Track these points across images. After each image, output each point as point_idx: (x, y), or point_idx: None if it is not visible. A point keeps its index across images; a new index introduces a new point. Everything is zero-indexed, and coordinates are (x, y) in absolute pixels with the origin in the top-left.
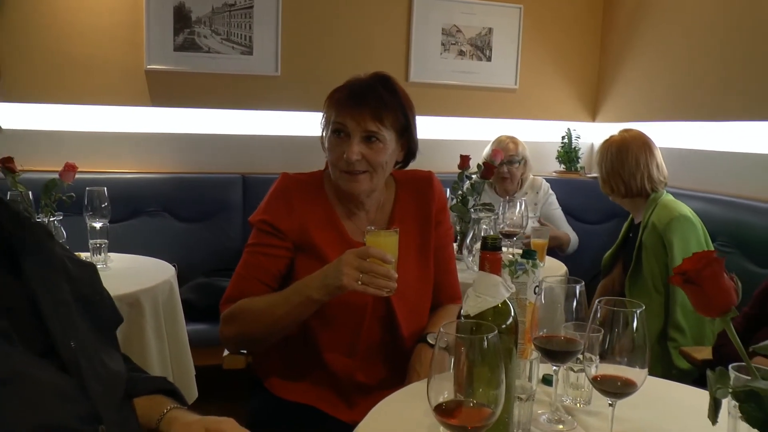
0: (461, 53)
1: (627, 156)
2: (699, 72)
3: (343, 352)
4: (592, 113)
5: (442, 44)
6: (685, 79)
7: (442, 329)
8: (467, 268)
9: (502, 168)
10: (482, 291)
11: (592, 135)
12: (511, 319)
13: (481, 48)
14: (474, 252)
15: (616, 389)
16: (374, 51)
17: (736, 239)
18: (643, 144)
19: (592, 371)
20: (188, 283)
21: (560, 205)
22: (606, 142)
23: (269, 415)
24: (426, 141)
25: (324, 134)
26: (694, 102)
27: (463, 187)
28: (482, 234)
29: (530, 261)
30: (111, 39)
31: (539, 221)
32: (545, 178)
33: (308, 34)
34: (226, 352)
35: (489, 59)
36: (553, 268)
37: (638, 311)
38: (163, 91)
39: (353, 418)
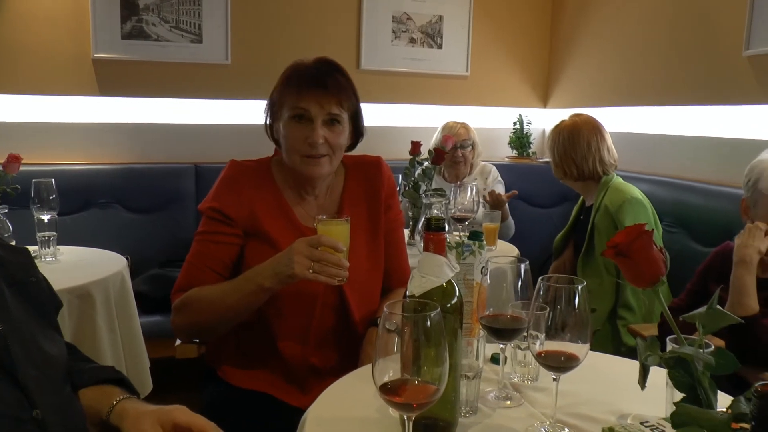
0: (412, 41)
1: (578, 140)
2: (646, 58)
3: (296, 338)
4: (544, 99)
5: (393, 32)
6: (633, 65)
7: (386, 309)
8: (419, 253)
9: (455, 152)
10: (427, 271)
11: (544, 121)
12: (456, 299)
13: (432, 35)
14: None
15: (559, 364)
16: (325, 39)
17: (681, 220)
18: (594, 128)
19: (537, 347)
20: (141, 275)
21: (512, 189)
22: (557, 126)
23: (223, 404)
24: (378, 128)
25: (269, 121)
26: (641, 87)
27: (414, 173)
28: None
29: (477, 242)
30: (55, 27)
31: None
32: (497, 164)
33: (258, 21)
34: (178, 342)
35: (440, 46)
36: (505, 251)
37: (579, 287)
38: (112, 80)
39: (307, 404)
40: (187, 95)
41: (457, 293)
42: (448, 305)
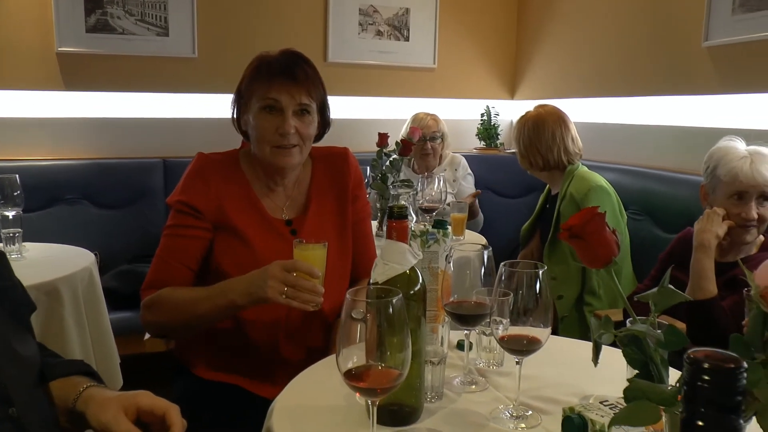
0: (379, 33)
1: (543, 130)
2: (610, 50)
3: (266, 330)
4: (511, 91)
5: (360, 24)
6: (598, 57)
7: (348, 296)
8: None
9: (425, 145)
10: (390, 259)
11: (511, 112)
12: (419, 286)
13: (399, 28)
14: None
15: (522, 347)
16: (292, 32)
17: (646, 207)
18: (558, 118)
19: (500, 332)
20: (111, 271)
21: (481, 180)
22: (522, 118)
23: (193, 398)
24: (345, 120)
25: (236, 113)
26: (606, 78)
27: (382, 164)
28: None
29: (441, 231)
30: (18, 20)
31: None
32: (466, 155)
33: (225, 15)
34: (147, 336)
35: (407, 39)
36: (472, 241)
37: (540, 272)
38: (77, 74)
39: (277, 395)
40: (154, 89)
41: (421, 280)
42: (412, 292)
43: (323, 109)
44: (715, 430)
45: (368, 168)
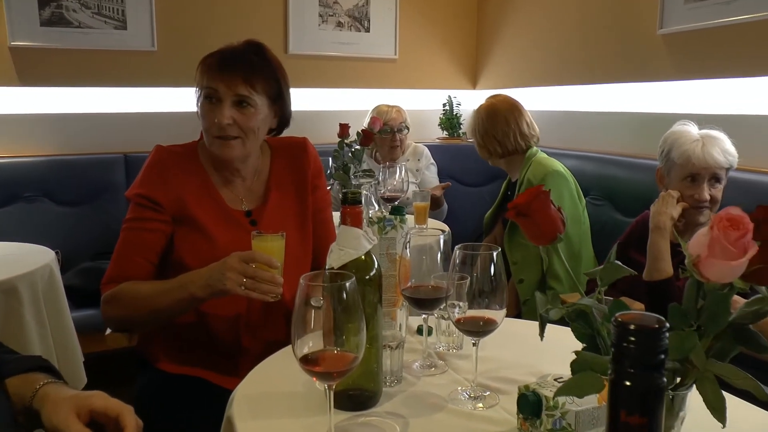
0: (339, 24)
1: (497, 118)
2: (568, 39)
3: (228, 322)
4: (473, 81)
5: (320, 16)
6: (557, 46)
7: (302, 281)
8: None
9: (393, 137)
10: (345, 244)
11: (473, 102)
12: (374, 271)
13: (359, 19)
14: (365, 221)
15: (478, 329)
16: (252, 23)
17: (606, 192)
18: (511, 105)
19: (456, 314)
20: (73, 269)
21: (444, 170)
22: (476, 109)
23: (156, 391)
24: (307, 113)
25: (198, 102)
26: (565, 67)
27: (343, 155)
28: (364, 201)
29: (398, 217)
30: None
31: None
32: (428, 145)
33: (184, 7)
34: (108, 331)
35: (368, 30)
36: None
37: (494, 254)
38: (32, 69)
39: None
40: (113, 84)
41: (376, 265)
42: (367, 277)
43: (278, 101)
44: (641, 388)
45: (330, 159)
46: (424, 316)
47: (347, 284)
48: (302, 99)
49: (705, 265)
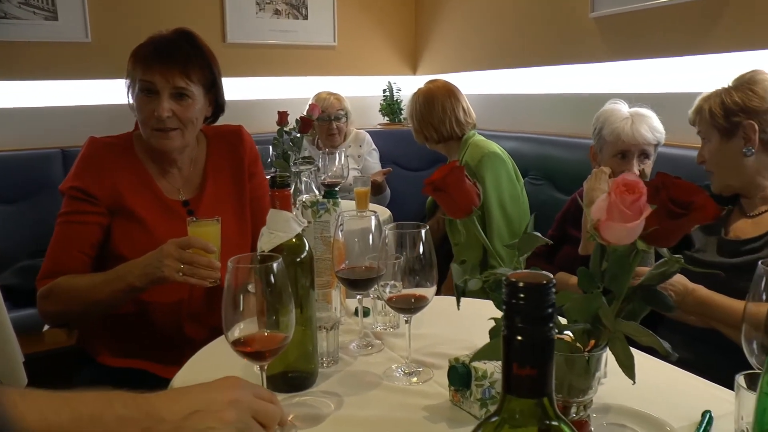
0: (277, 12)
1: (434, 104)
2: (505, 24)
3: (169, 311)
4: (413, 66)
5: (257, 3)
6: (494, 31)
7: (230, 264)
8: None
9: (330, 124)
10: (275, 227)
11: (413, 87)
12: (305, 253)
13: (297, 6)
14: (298, 206)
15: (410, 305)
16: (189, 13)
17: (544, 172)
18: (448, 91)
19: (387, 293)
20: (10, 268)
21: (386, 155)
22: (414, 94)
23: (97, 386)
24: (247, 102)
25: (131, 94)
26: (502, 51)
27: (283, 143)
28: (304, 187)
29: (331, 200)
30: None
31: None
32: (370, 131)
33: None
34: (46, 327)
35: (305, 17)
36: (378, 213)
37: (422, 231)
38: None
39: None
40: (46, 77)
41: (307, 248)
42: (298, 259)
43: (213, 90)
44: (532, 341)
45: (270, 147)
46: (358, 296)
47: (274, 265)
48: (242, 88)
49: (604, 228)
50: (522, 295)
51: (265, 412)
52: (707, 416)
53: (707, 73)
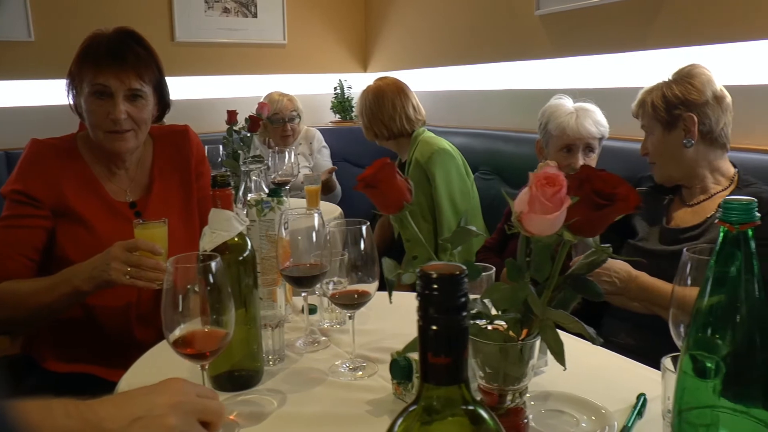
0: (226, 10)
1: (383, 101)
2: (454, 21)
3: (118, 314)
4: (363, 64)
5: (206, 2)
6: (443, 28)
7: (168, 265)
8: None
9: (285, 126)
10: (216, 226)
11: (365, 85)
12: (248, 252)
13: (246, 5)
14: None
15: (352, 301)
16: (135, 11)
17: (495, 167)
18: (398, 88)
19: (330, 290)
20: None
21: (338, 152)
22: (363, 91)
23: (44, 393)
24: (197, 101)
25: (72, 96)
26: (451, 48)
27: (233, 142)
28: (254, 186)
29: (276, 198)
30: None
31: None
32: (321, 129)
33: None
34: None
35: (255, 15)
36: (328, 211)
37: (363, 228)
38: None
39: None
40: None
41: (249, 246)
42: (241, 258)
43: (159, 89)
44: (446, 330)
45: (221, 146)
46: (304, 294)
47: (212, 265)
48: (192, 87)
49: (527, 220)
50: (435, 286)
51: (209, 410)
52: (642, 399)
53: (648, 68)
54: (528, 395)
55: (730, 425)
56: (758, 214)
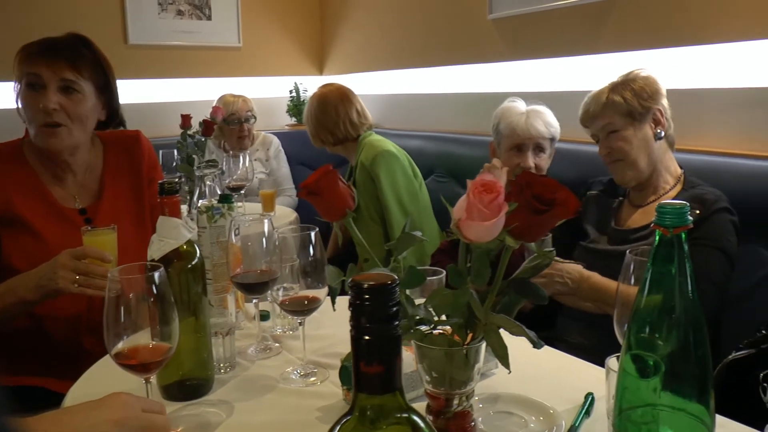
0: (180, 13)
1: (327, 108)
2: (408, 25)
3: (68, 324)
4: (319, 66)
5: (159, 4)
6: (399, 31)
7: (110, 275)
8: (197, 228)
9: (241, 127)
10: (164, 234)
11: None
12: (196, 259)
13: (200, 7)
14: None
15: (303, 308)
16: (87, 13)
17: (449, 169)
18: (341, 94)
19: (280, 297)
20: None
21: (294, 156)
22: (309, 99)
23: None
24: (151, 105)
25: (18, 96)
26: (407, 51)
27: (187, 146)
28: (208, 191)
29: (226, 205)
30: None
31: None
32: (277, 133)
33: None
34: None
35: (209, 18)
36: (284, 216)
37: (312, 234)
38: None
39: None
40: None
41: (198, 253)
42: (190, 266)
43: (106, 92)
44: (378, 339)
45: (175, 151)
46: (255, 300)
47: (155, 275)
48: (146, 91)
49: (465, 227)
50: (367, 296)
51: (155, 426)
52: (590, 398)
53: (599, 71)
54: (477, 398)
55: (669, 422)
56: (690, 218)
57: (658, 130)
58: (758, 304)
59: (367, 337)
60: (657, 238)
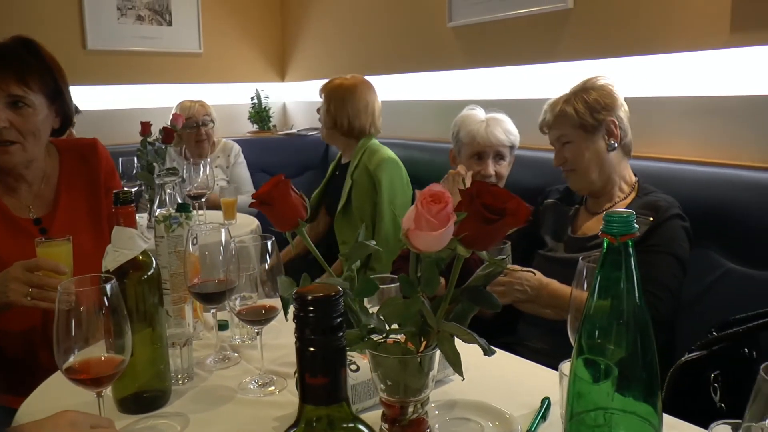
0: (140, 18)
1: (359, 96)
2: (369, 32)
3: (21, 339)
4: (281, 73)
5: (119, 9)
6: (360, 38)
7: (60, 289)
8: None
9: (198, 131)
10: (119, 245)
11: (282, 94)
12: (153, 270)
13: (160, 12)
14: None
15: (260, 317)
16: (44, 19)
17: (411, 176)
18: (374, 93)
19: (237, 306)
20: None
21: (256, 163)
22: (337, 81)
23: None
24: (110, 111)
25: None
26: (369, 58)
27: (147, 154)
28: (168, 199)
29: (184, 214)
30: None
31: None
32: (239, 140)
33: None
34: None
35: (170, 23)
36: (245, 224)
37: (268, 243)
38: None
39: None
40: None
41: (154, 264)
42: (146, 276)
43: (57, 100)
44: (324, 351)
45: (135, 158)
46: (212, 310)
47: (107, 287)
48: (105, 97)
49: (413, 237)
50: (311, 308)
51: None
52: (546, 402)
53: (556, 80)
54: (433, 404)
55: (620, 425)
56: (637, 226)
57: (611, 142)
58: (710, 308)
59: (311, 349)
60: (605, 245)
